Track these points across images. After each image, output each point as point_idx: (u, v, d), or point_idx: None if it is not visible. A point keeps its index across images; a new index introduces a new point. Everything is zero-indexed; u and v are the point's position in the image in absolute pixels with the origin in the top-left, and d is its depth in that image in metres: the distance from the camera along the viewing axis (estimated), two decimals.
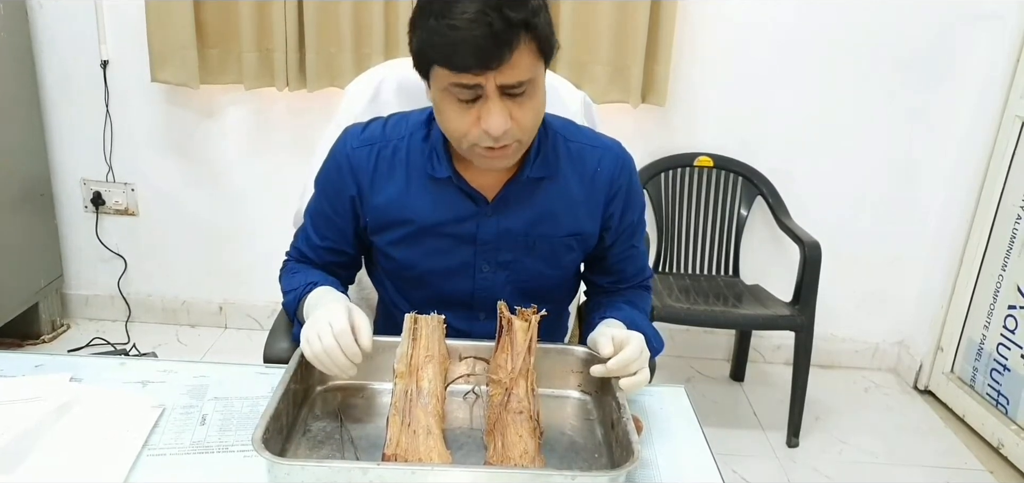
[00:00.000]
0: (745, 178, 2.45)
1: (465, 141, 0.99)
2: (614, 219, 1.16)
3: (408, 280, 1.18)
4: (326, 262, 1.19)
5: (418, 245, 1.13)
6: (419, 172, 1.10)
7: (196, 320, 2.74)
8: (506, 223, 1.11)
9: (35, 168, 2.47)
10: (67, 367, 1.08)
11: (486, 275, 1.15)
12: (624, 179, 1.15)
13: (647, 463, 0.95)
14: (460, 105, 0.96)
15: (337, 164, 1.13)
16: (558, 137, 1.13)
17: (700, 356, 2.72)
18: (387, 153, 1.11)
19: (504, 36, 0.90)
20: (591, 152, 1.14)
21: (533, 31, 0.93)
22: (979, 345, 2.39)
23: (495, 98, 0.94)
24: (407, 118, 1.14)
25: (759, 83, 2.41)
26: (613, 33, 2.26)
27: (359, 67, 2.26)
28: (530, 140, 1.03)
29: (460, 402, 1.06)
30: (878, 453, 2.26)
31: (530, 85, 0.96)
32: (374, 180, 1.11)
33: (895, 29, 2.34)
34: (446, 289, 1.16)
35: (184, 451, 0.93)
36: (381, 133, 1.12)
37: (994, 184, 2.32)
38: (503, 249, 1.13)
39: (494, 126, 0.95)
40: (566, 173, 1.12)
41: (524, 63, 0.94)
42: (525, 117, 0.98)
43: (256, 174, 2.55)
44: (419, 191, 1.10)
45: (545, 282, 1.17)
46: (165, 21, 2.25)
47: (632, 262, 1.22)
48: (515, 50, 0.92)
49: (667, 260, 2.47)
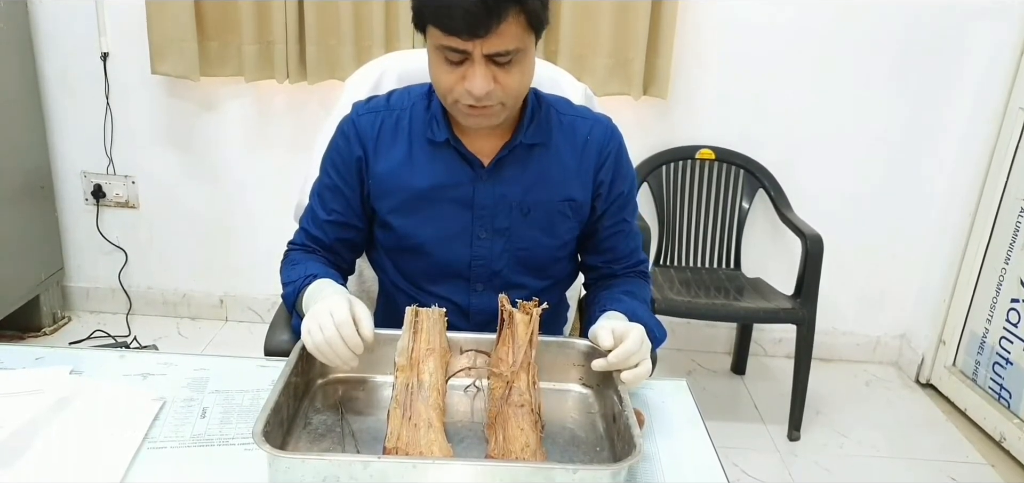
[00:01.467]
0: (747, 171, 2.44)
1: (450, 96, 1.04)
2: (604, 187, 1.19)
3: (407, 251, 1.20)
4: (333, 240, 1.21)
5: (417, 212, 1.16)
6: (420, 138, 1.14)
7: (197, 313, 2.74)
8: (502, 188, 1.15)
9: (36, 161, 2.47)
10: (67, 360, 1.08)
11: (483, 242, 1.17)
12: (613, 147, 1.19)
13: (649, 457, 0.95)
14: (448, 64, 1.01)
15: (343, 133, 1.17)
16: (551, 109, 1.18)
17: (701, 349, 2.72)
18: (391, 121, 1.16)
19: (495, 7, 0.94)
20: (582, 123, 1.19)
21: (523, 5, 0.97)
22: (981, 339, 2.38)
23: (480, 63, 0.99)
24: (410, 90, 1.19)
25: (761, 76, 2.40)
26: (615, 25, 2.25)
27: (359, 59, 2.25)
28: (515, 105, 1.08)
29: (461, 395, 1.05)
30: (879, 447, 2.26)
31: (517, 54, 1.00)
32: (378, 146, 1.15)
33: (898, 21, 2.33)
34: (444, 258, 1.18)
35: (185, 444, 0.93)
36: (385, 104, 1.18)
37: (997, 177, 2.31)
38: (499, 214, 1.16)
39: (476, 87, 1.00)
40: (558, 142, 1.17)
41: (512, 33, 0.97)
42: (510, 82, 1.02)
43: (256, 166, 2.54)
44: (419, 156, 1.14)
45: (542, 252, 1.20)
46: (165, 13, 2.25)
47: (624, 239, 1.24)
48: (504, 21, 0.96)
49: (668, 253, 2.47)
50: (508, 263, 1.19)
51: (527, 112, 1.13)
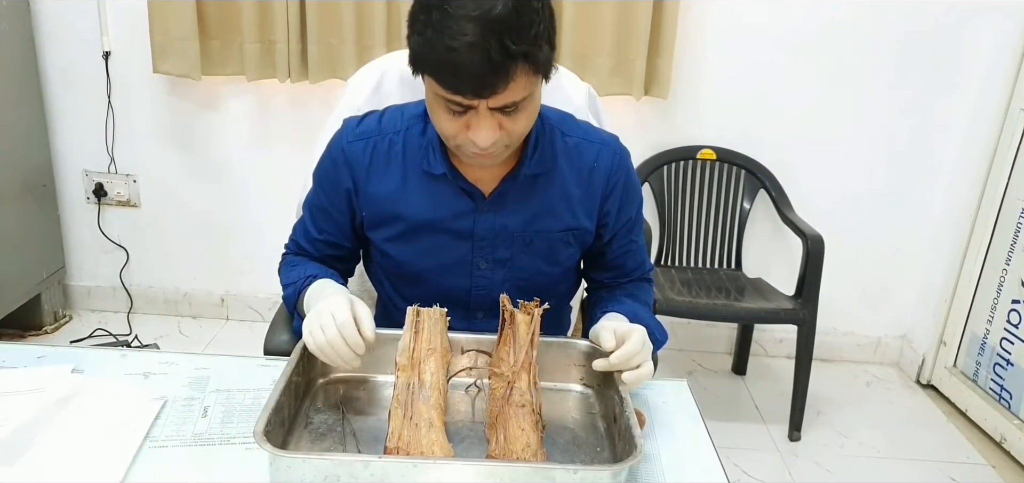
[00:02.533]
0: (748, 171, 2.44)
1: (452, 142, 1.00)
2: (611, 216, 1.15)
3: (405, 278, 1.17)
4: (324, 255, 1.19)
5: (414, 242, 1.12)
6: (415, 167, 1.09)
7: (198, 312, 2.75)
8: (503, 220, 1.11)
9: (37, 159, 2.47)
10: (69, 359, 1.08)
11: (483, 273, 1.15)
12: (621, 174, 1.14)
13: (650, 457, 0.95)
14: (451, 113, 0.96)
15: (333, 158, 1.12)
16: (556, 132, 1.12)
17: (702, 349, 2.72)
18: (383, 147, 1.10)
19: (501, 66, 0.88)
20: (588, 147, 1.13)
21: (531, 60, 0.91)
22: (982, 340, 2.38)
23: (486, 115, 0.94)
24: (403, 111, 1.13)
25: (762, 76, 2.40)
26: (616, 25, 2.25)
27: (361, 58, 2.25)
28: (519, 143, 1.03)
29: (462, 395, 1.06)
30: (880, 447, 2.26)
31: (524, 102, 0.95)
32: (370, 174, 1.10)
33: (899, 22, 2.32)
34: (443, 287, 1.15)
35: (186, 443, 0.93)
36: (377, 127, 1.12)
37: (998, 178, 2.31)
38: (500, 246, 1.13)
39: (482, 139, 0.95)
40: (563, 169, 1.11)
41: (519, 86, 0.92)
42: (516, 127, 0.97)
43: (258, 165, 2.54)
44: (415, 187, 1.10)
45: (543, 279, 1.16)
46: (167, 12, 2.25)
47: (632, 256, 1.22)
48: (512, 80, 0.90)
49: (669, 253, 2.47)
50: (509, 292, 1.12)
51: (531, 141, 1.08)
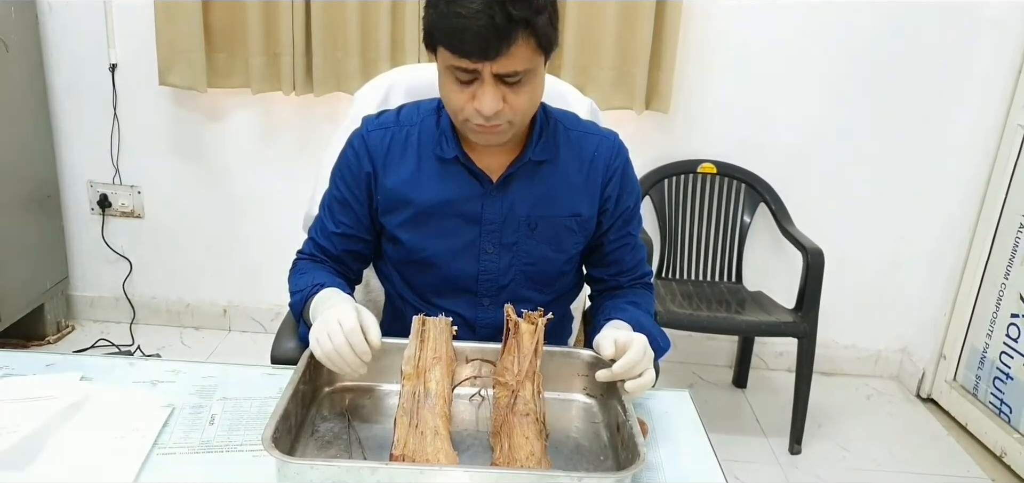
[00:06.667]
0: (748, 185, 2.46)
1: (460, 115, 1.06)
2: (610, 202, 1.21)
3: (415, 265, 1.21)
4: (341, 251, 1.22)
5: (425, 226, 1.17)
6: (429, 154, 1.16)
7: (200, 322, 2.75)
8: (510, 203, 1.17)
9: (42, 170, 2.49)
10: (78, 366, 1.09)
11: (491, 257, 1.19)
12: (620, 163, 1.21)
13: (652, 466, 0.96)
14: (458, 83, 1.03)
15: (353, 148, 1.19)
16: (559, 125, 1.20)
17: (702, 362, 2.72)
18: (400, 136, 1.17)
19: (504, 31, 0.96)
20: (589, 139, 1.21)
21: (532, 28, 0.99)
22: (982, 353, 2.39)
23: (490, 83, 1.01)
24: (419, 106, 1.21)
25: (763, 90, 2.42)
26: (617, 39, 2.27)
27: (366, 71, 2.27)
28: (523, 123, 1.09)
29: (467, 404, 1.07)
30: (880, 460, 2.26)
31: (526, 75, 1.02)
32: (387, 161, 1.17)
33: (898, 38, 2.35)
34: (451, 272, 1.20)
35: (193, 450, 0.94)
36: (395, 119, 1.19)
37: (996, 192, 2.32)
38: (507, 230, 1.18)
39: (485, 107, 1.02)
40: (566, 158, 1.18)
41: (521, 55, 1.00)
42: (519, 102, 1.04)
43: (262, 178, 2.56)
44: (428, 172, 1.16)
45: (548, 266, 1.22)
46: (173, 25, 2.27)
47: (629, 252, 1.26)
48: (513, 44, 0.98)
49: (670, 266, 2.48)
50: (515, 277, 1.21)
51: (535, 128, 1.15)
